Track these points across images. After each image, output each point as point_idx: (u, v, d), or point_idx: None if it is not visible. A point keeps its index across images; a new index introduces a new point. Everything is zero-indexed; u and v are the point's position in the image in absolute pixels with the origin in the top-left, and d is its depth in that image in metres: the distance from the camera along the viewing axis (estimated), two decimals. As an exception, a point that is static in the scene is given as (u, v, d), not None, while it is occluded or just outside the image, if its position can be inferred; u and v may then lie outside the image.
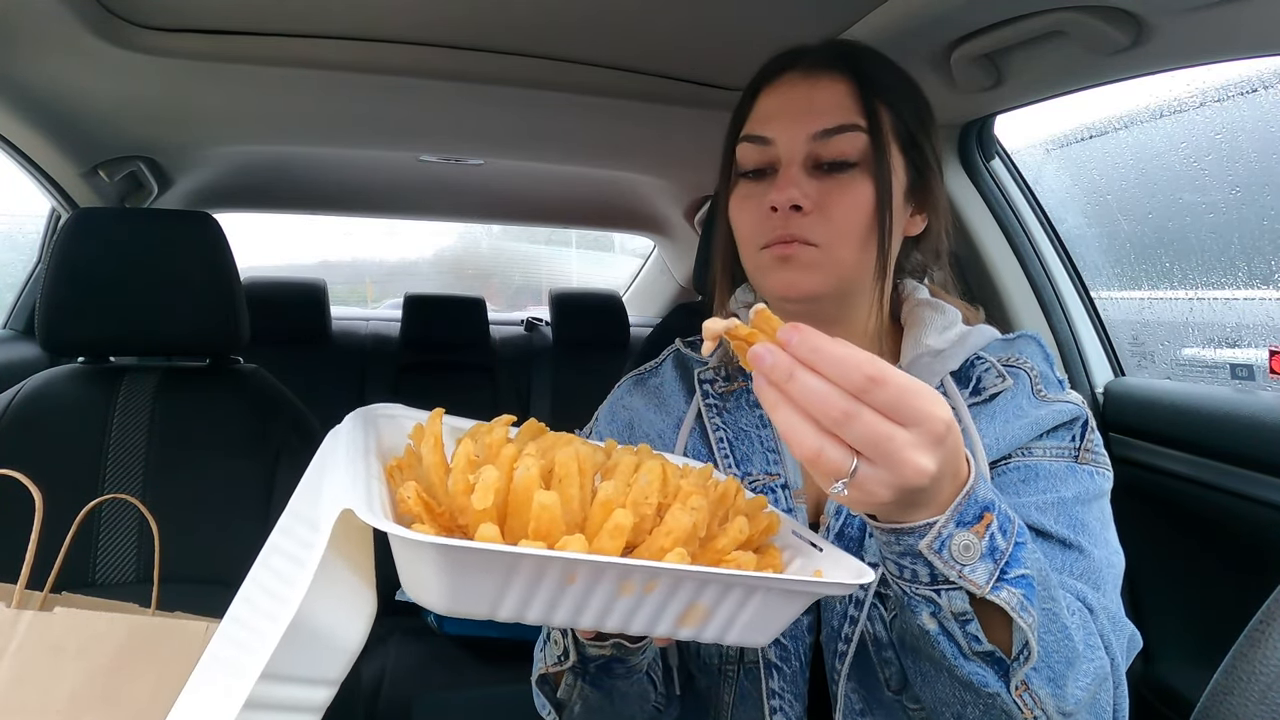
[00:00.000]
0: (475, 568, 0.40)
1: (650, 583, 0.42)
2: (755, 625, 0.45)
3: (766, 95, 0.71)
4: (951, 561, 0.48)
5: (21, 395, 1.15)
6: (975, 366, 0.72)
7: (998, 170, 1.38)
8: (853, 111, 0.67)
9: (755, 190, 0.70)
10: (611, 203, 2.37)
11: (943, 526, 0.48)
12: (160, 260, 1.17)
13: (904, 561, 0.50)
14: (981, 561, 0.49)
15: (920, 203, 0.73)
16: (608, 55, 1.25)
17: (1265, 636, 0.53)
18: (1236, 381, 1.19)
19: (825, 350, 0.42)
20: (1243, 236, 1.22)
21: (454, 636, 1.78)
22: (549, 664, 0.66)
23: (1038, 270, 1.38)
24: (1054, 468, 0.67)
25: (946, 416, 0.43)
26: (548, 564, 0.40)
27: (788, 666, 0.68)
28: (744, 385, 0.77)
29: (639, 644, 0.61)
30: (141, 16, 1.11)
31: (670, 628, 0.44)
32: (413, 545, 0.40)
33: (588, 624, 0.43)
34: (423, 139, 1.71)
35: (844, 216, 0.66)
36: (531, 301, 3.89)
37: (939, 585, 0.49)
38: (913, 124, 0.70)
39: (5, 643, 0.67)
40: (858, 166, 0.67)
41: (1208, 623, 1.16)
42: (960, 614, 0.50)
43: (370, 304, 4.16)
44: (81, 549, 1.08)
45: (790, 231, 0.66)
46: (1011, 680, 0.51)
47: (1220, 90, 1.15)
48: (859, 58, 0.70)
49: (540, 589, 0.41)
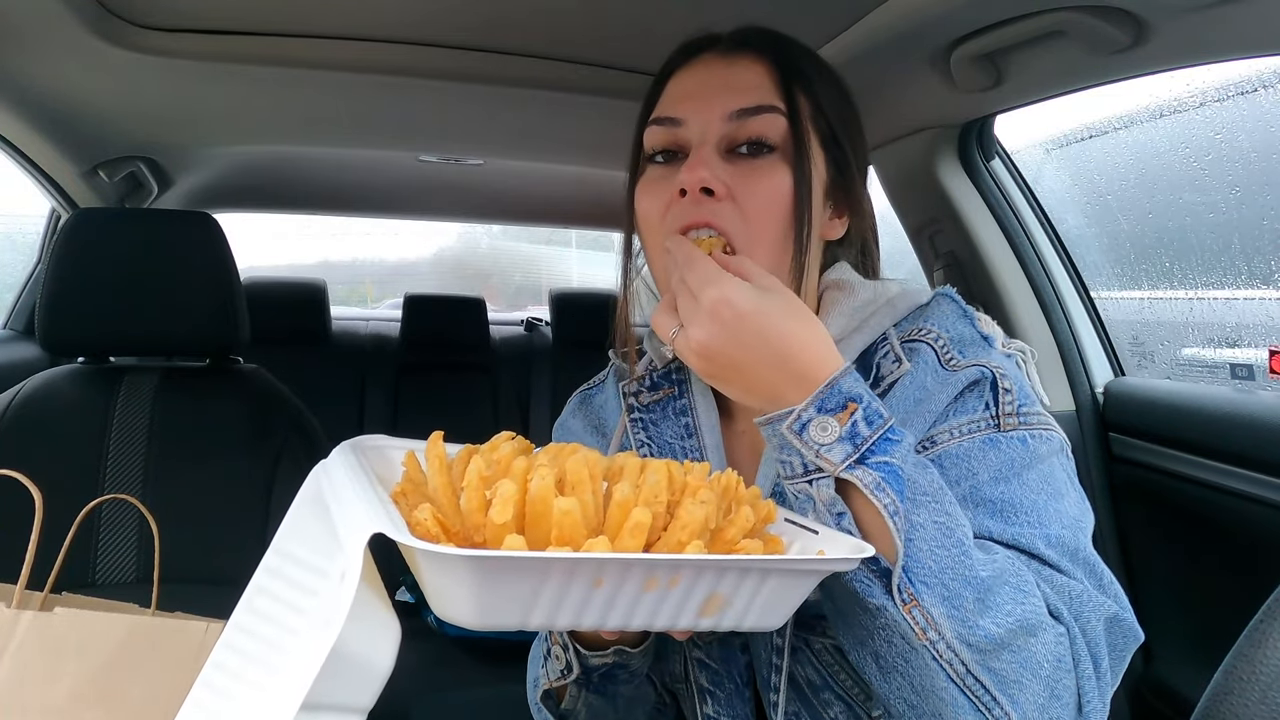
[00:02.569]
0: (508, 577, 0.40)
1: (674, 577, 0.43)
2: (769, 609, 0.46)
3: (679, 77, 0.68)
4: (810, 441, 0.50)
5: (21, 395, 1.15)
6: (875, 352, 0.64)
7: (998, 170, 1.38)
8: (771, 93, 0.63)
9: (664, 174, 0.65)
10: (611, 203, 2.35)
11: (803, 410, 0.51)
12: (160, 260, 1.17)
13: (782, 455, 0.52)
14: (840, 443, 0.50)
15: (840, 204, 0.68)
16: (607, 55, 1.25)
17: (1265, 636, 0.53)
18: (1236, 381, 1.19)
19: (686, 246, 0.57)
20: (1243, 236, 1.22)
21: (454, 637, 1.78)
22: (552, 679, 0.64)
23: (1038, 270, 1.38)
24: (965, 448, 0.58)
25: (720, 295, 0.52)
26: (578, 566, 0.41)
27: (721, 690, 0.66)
28: (669, 394, 0.73)
29: (640, 648, 0.60)
30: (142, 16, 1.11)
31: (692, 619, 0.45)
32: (445, 562, 0.40)
33: (614, 624, 0.44)
34: (422, 139, 1.71)
35: (760, 205, 0.61)
36: (531, 301, 3.89)
37: (810, 475, 0.51)
38: (834, 117, 0.65)
39: (5, 643, 0.67)
40: (776, 152, 0.62)
41: (1208, 623, 1.16)
42: (829, 503, 0.50)
43: (370, 304, 4.16)
44: (81, 549, 1.08)
45: (703, 219, 0.61)
46: (893, 582, 0.48)
47: (1220, 90, 1.15)
48: (779, 42, 0.66)
49: (570, 593, 0.42)
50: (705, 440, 0.69)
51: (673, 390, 0.73)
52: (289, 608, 0.48)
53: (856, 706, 0.63)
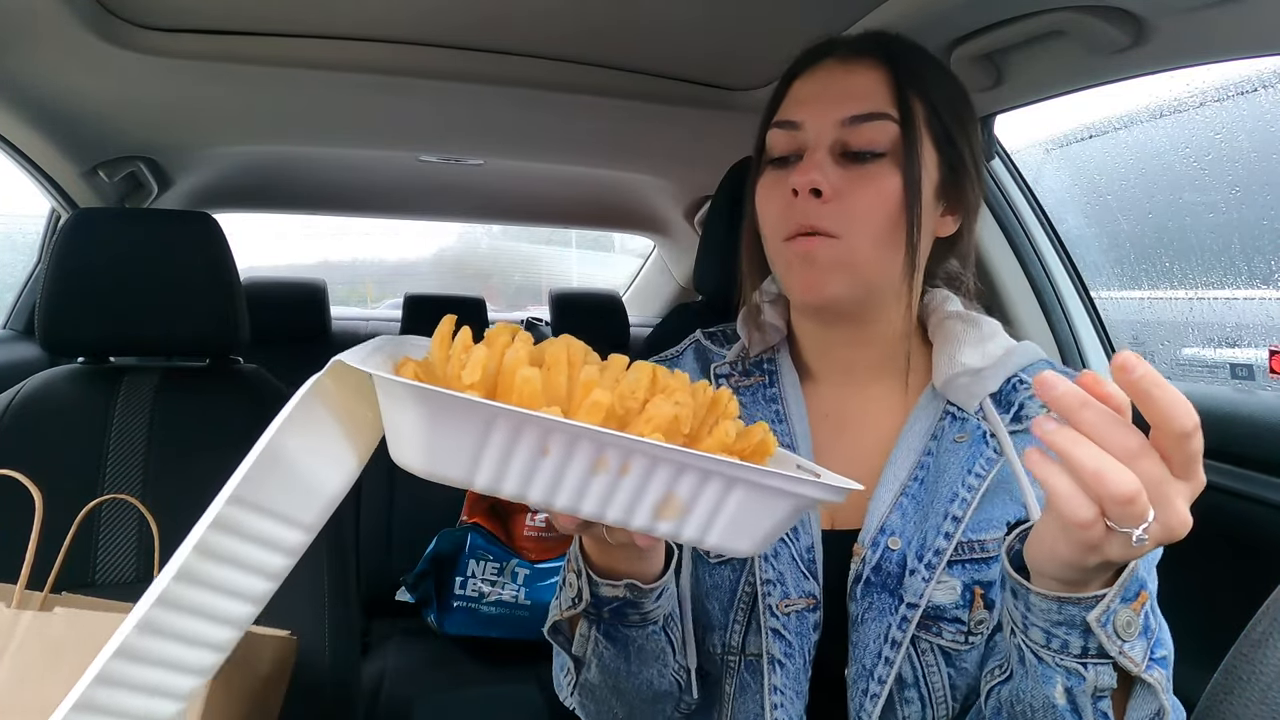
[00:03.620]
0: (453, 421, 0.40)
1: (625, 462, 0.42)
2: (736, 528, 0.44)
3: (800, 82, 0.70)
4: (1114, 637, 0.47)
5: (21, 395, 1.15)
6: (1017, 390, 0.68)
7: (998, 170, 1.38)
8: (885, 100, 0.65)
9: (781, 176, 0.68)
10: (611, 203, 2.36)
11: (1111, 600, 0.46)
12: (160, 260, 1.17)
13: (1057, 631, 0.48)
14: (1139, 639, 0.48)
15: (952, 202, 0.70)
16: (608, 55, 1.25)
17: (1265, 636, 0.53)
18: (1236, 381, 1.19)
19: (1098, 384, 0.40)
20: (1243, 236, 1.22)
21: (454, 636, 1.78)
22: (564, 608, 0.64)
23: (1038, 270, 1.38)
24: None
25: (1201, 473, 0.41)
26: (525, 423, 0.40)
27: (791, 663, 0.66)
28: (759, 381, 0.75)
29: (653, 586, 0.60)
30: (141, 16, 1.11)
31: (647, 519, 0.43)
32: (394, 393, 0.40)
33: (563, 504, 0.43)
34: (423, 139, 1.71)
35: (867, 207, 0.64)
36: (531, 301, 3.89)
37: (1088, 658, 0.48)
38: (949, 120, 0.67)
39: (5, 643, 0.67)
40: (886, 157, 0.64)
41: (1208, 623, 1.16)
42: (1102, 690, 0.49)
43: (370, 304, 4.16)
44: (81, 549, 1.08)
45: (810, 222, 0.64)
46: None
47: (1220, 90, 1.15)
48: (897, 47, 0.69)
49: (516, 454, 0.41)
50: (795, 428, 0.72)
51: (763, 379, 0.75)
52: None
53: (931, 709, 0.65)
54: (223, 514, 0.42)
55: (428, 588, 1.82)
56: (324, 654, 1.05)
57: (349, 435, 0.47)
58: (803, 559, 0.67)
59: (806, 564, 0.67)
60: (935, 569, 0.64)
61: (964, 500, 0.64)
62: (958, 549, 0.64)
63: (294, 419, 0.44)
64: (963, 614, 0.64)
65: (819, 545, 0.68)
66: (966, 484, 0.65)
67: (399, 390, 0.40)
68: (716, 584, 0.70)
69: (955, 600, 0.64)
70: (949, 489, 0.65)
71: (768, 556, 0.67)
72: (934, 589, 0.64)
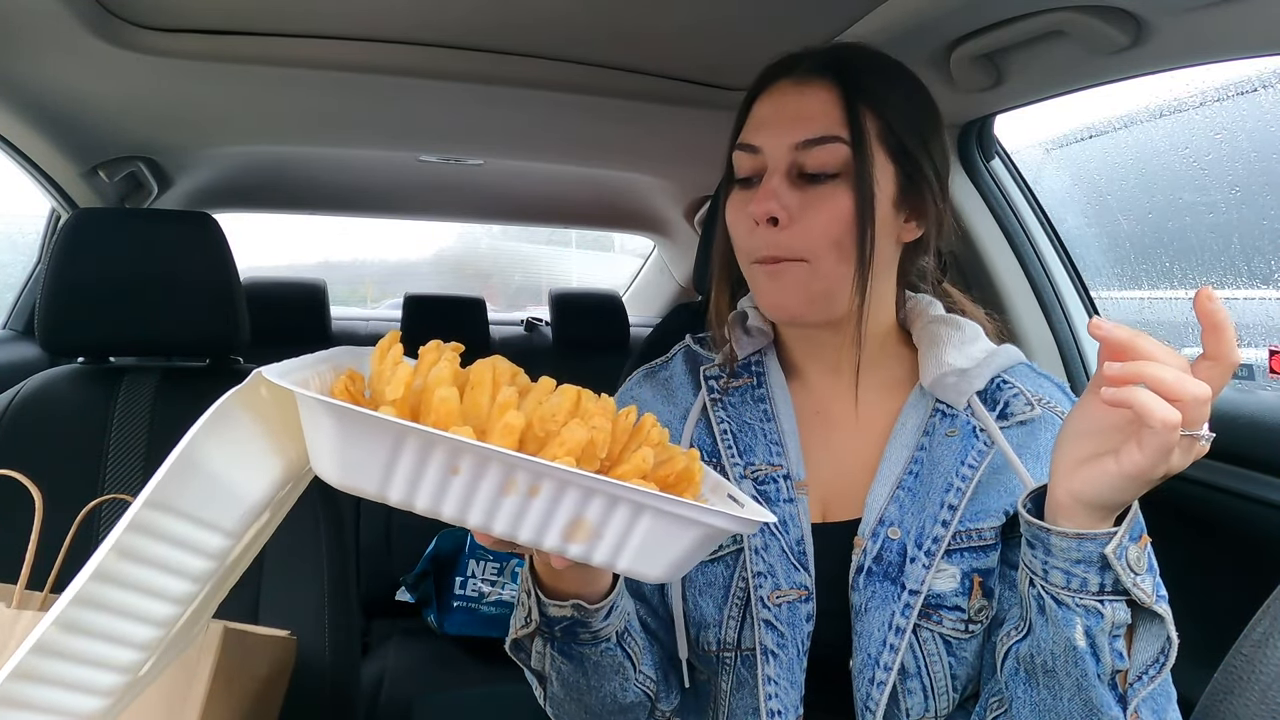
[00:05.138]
0: (366, 437, 0.41)
1: (534, 485, 0.43)
2: (647, 553, 0.44)
3: (759, 104, 0.72)
4: (1128, 569, 0.52)
5: (21, 395, 1.15)
6: (1002, 390, 0.71)
7: (997, 170, 1.38)
8: (836, 122, 0.66)
9: (745, 198, 0.71)
10: (611, 203, 2.36)
11: (1123, 535, 0.51)
12: (160, 260, 1.17)
13: (1076, 570, 0.53)
14: (1149, 573, 0.53)
15: (914, 209, 0.71)
16: (608, 55, 1.25)
17: (1265, 636, 0.53)
18: (1236, 381, 1.19)
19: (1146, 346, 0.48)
20: (1243, 236, 1.22)
21: (454, 636, 1.78)
22: (517, 628, 0.66)
23: (1038, 270, 1.38)
24: None
25: None
26: (434, 443, 0.41)
27: (784, 653, 0.68)
28: (747, 382, 0.77)
29: (598, 605, 0.61)
30: (141, 17, 1.11)
31: (558, 541, 0.44)
32: (310, 408, 0.42)
33: (475, 522, 0.44)
34: (423, 139, 1.71)
35: (822, 227, 0.66)
36: (531, 301, 3.89)
37: (1105, 595, 0.53)
38: (905, 132, 0.68)
39: (5, 642, 0.67)
40: (840, 177, 0.67)
41: (1208, 623, 1.16)
42: (1118, 625, 0.53)
43: (370, 304, 4.16)
44: (81, 549, 1.07)
45: (772, 252, 0.67)
46: (1129, 705, 0.54)
47: (1220, 90, 1.15)
48: (851, 64, 0.69)
49: (426, 473, 0.42)
50: (783, 426, 0.74)
51: (751, 380, 0.77)
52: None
53: (933, 700, 0.67)
54: (139, 516, 0.42)
55: (428, 588, 1.82)
56: (324, 654, 1.05)
57: (277, 445, 0.48)
58: (792, 551, 0.69)
59: (796, 556, 0.69)
60: (935, 555, 0.66)
61: (959, 490, 0.67)
62: (955, 537, 0.67)
63: (211, 428, 0.45)
64: (963, 601, 0.67)
65: (809, 538, 0.70)
66: (960, 474, 0.67)
67: (313, 405, 0.42)
68: (710, 581, 0.72)
69: (955, 588, 0.67)
70: (944, 480, 0.68)
71: (758, 550, 0.69)
72: (934, 576, 0.66)
